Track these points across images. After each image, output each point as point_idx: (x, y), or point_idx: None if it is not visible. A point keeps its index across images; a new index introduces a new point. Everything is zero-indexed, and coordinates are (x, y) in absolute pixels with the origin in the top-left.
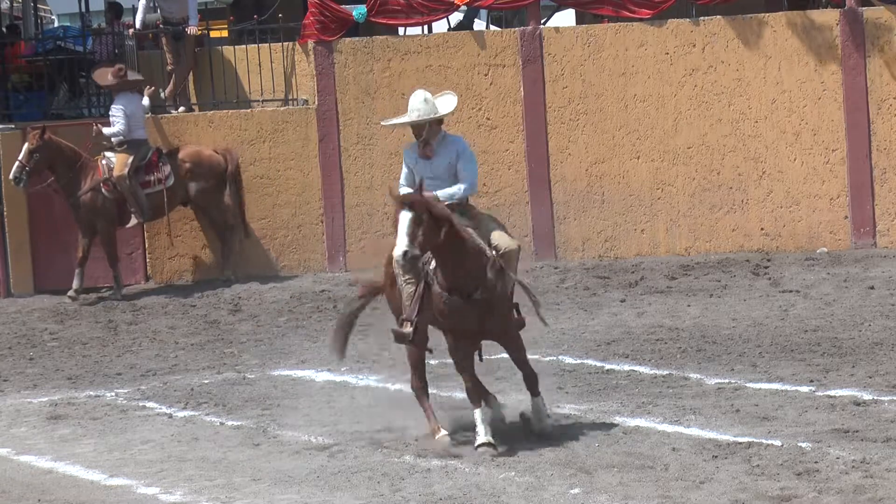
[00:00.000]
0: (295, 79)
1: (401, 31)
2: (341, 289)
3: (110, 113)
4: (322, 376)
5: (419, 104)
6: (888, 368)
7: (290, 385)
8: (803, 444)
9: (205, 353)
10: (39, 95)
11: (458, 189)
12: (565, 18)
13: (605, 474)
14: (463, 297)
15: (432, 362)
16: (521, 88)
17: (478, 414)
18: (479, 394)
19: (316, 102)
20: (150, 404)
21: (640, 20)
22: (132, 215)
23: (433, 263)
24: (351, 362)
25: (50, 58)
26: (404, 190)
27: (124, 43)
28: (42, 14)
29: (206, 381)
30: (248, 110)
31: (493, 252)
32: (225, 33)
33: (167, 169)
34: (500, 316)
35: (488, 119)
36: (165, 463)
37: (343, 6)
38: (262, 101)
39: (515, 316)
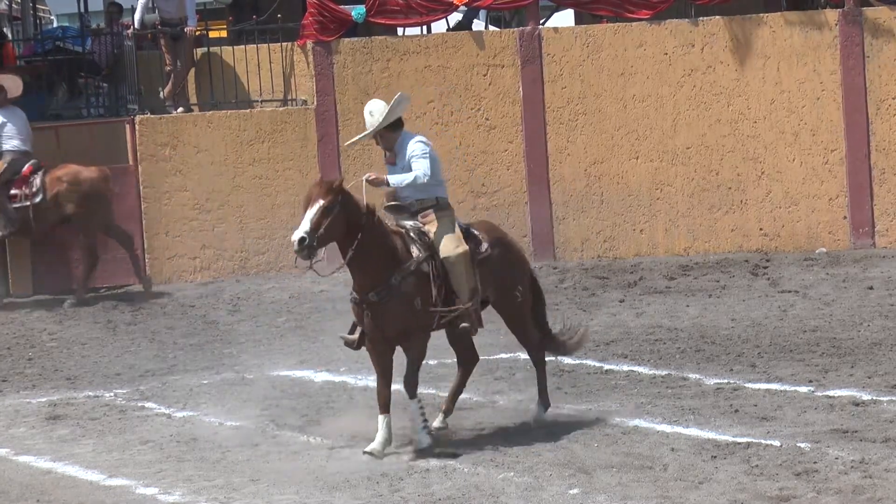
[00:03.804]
0: (294, 79)
1: (399, 31)
2: (340, 289)
3: None
4: (321, 376)
5: (367, 118)
6: (887, 368)
7: (289, 385)
8: (802, 445)
9: (204, 354)
10: (38, 96)
11: (408, 176)
12: (564, 19)
13: (603, 474)
14: (361, 296)
15: (431, 362)
16: (520, 89)
17: (381, 421)
18: (384, 400)
19: (315, 103)
20: (148, 405)
21: (639, 20)
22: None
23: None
24: (350, 363)
25: (49, 58)
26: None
27: (123, 43)
28: (41, 14)
29: (204, 382)
30: (247, 111)
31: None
32: (224, 33)
33: (36, 185)
34: (395, 320)
35: (487, 119)
36: (164, 463)
37: (342, 6)
38: (261, 101)
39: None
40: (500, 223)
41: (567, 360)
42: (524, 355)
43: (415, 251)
